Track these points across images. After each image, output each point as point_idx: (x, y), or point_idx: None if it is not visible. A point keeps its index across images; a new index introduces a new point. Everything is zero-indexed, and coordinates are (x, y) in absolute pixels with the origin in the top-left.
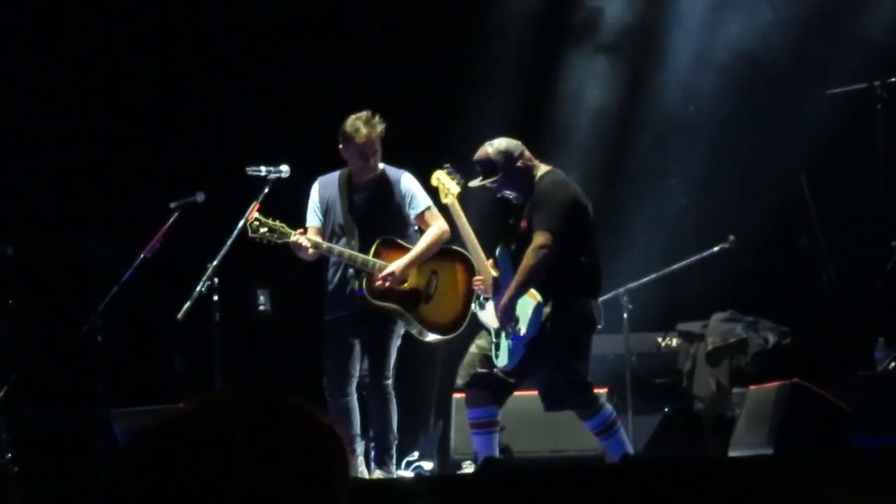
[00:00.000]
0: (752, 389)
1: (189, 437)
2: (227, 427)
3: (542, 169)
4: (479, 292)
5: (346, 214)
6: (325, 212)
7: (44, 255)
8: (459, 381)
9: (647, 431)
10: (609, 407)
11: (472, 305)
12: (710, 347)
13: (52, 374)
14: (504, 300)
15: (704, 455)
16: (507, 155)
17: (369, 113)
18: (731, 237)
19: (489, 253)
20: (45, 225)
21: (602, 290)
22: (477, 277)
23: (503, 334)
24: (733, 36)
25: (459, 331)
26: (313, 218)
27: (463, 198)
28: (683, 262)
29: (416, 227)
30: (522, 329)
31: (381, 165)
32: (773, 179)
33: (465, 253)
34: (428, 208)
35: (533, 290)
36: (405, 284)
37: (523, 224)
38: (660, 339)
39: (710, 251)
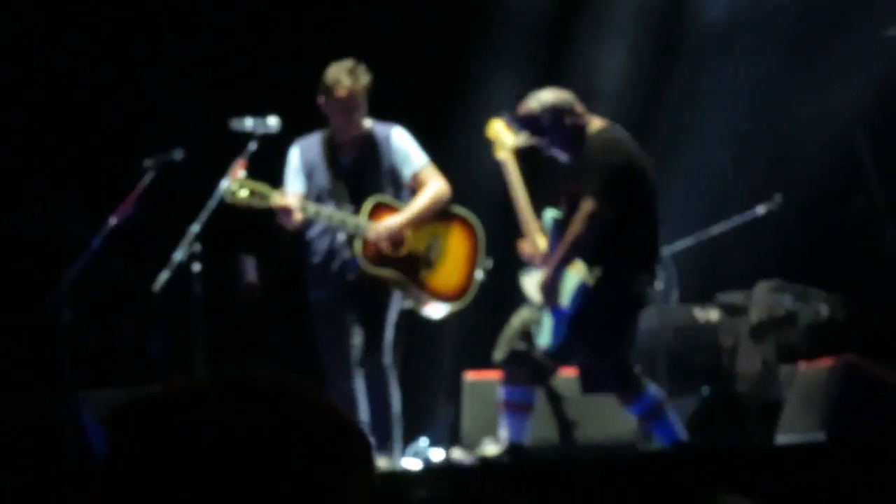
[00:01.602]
0: (801, 368)
1: (183, 420)
2: (229, 411)
3: (596, 125)
4: (525, 259)
5: (332, 177)
6: (308, 176)
7: (3, 221)
8: (498, 355)
9: (684, 416)
10: (653, 389)
11: (479, 273)
12: (754, 321)
13: (13, 355)
14: (547, 273)
15: (748, 442)
16: (553, 111)
17: (354, 62)
18: (778, 197)
19: (538, 217)
20: (4, 188)
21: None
22: (522, 242)
23: (547, 311)
24: None
25: (466, 300)
26: (295, 184)
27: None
28: (724, 226)
29: (411, 190)
30: (565, 302)
31: (368, 121)
32: (825, 132)
33: (467, 215)
34: (424, 166)
35: (578, 262)
36: (403, 250)
37: (573, 187)
38: (698, 312)
39: (754, 213)
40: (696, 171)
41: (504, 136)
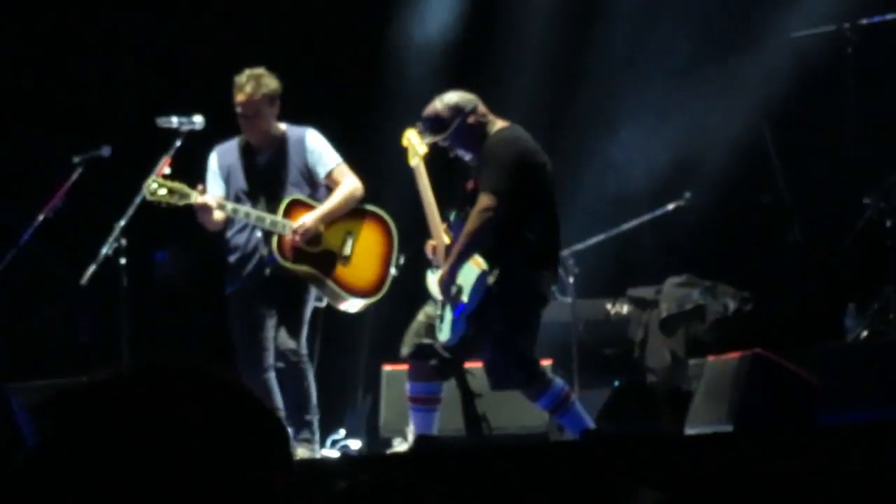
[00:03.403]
0: (709, 361)
1: (107, 409)
2: (152, 401)
3: (497, 125)
4: (431, 259)
5: (249, 178)
6: (226, 179)
7: None
8: (404, 351)
9: (596, 407)
10: (559, 382)
11: (392, 269)
12: (663, 315)
13: None
14: (444, 267)
15: (658, 432)
16: (456, 110)
17: (263, 70)
18: (687, 194)
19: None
20: None
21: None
22: (430, 241)
23: (447, 306)
24: None
25: (380, 294)
26: (214, 187)
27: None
28: (634, 222)
29: (326, 188)
30: (464, 298)
31: (282, 125)
32: (734, 130)
33: (380, 212)
34: (337, 165)
35: (478, 258)
36: (319, 246)
37: (471, 185)
38: (609, 306)
39: (664, 209)
40: (608, 168)
41: (417, 145)
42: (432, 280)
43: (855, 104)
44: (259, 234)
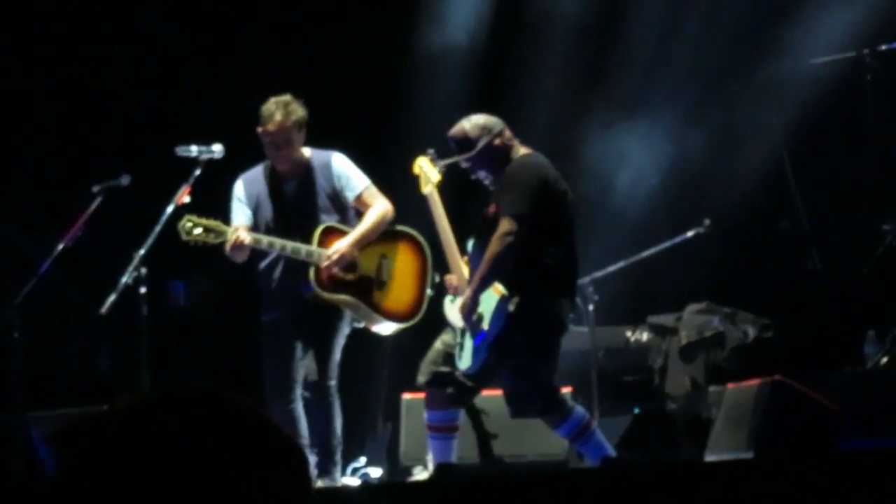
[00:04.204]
0: (729, 388)
1: (128, 437)
2: (173, 428)
3: (521, 151)
4: (451, 292)
5: (278, 208)
6: (255, 209)
7: None
8: (421, 379)
9: (616, 434)
10: (580, 409)
11: (428, 289)
12: (683, 342)
13: None
14: (466, 294)
15: (678, 460)
16: (483, 131)
17: (290, 97)
18: (707, 221)
19: (463, 248)
20: None
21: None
22: (449, 276)
23: (467, 334)
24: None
25: (419, 317)
26: (241, 217)
27: (442, 187)
28: (654, 249)
29: (356, 212)
30: (485, 325)
31: (307, 151)
32: (753, 157)
33: (412, 232)
34: (366, 187)
35: (498, 285)
36: (355, 273)
37: (492, 210)
38: (629, 334)
39: (684, 237)
40: (628, 196)
41: (430, 172)
42: (451, 308)
43: (874, 131)
44: (292, 263)
